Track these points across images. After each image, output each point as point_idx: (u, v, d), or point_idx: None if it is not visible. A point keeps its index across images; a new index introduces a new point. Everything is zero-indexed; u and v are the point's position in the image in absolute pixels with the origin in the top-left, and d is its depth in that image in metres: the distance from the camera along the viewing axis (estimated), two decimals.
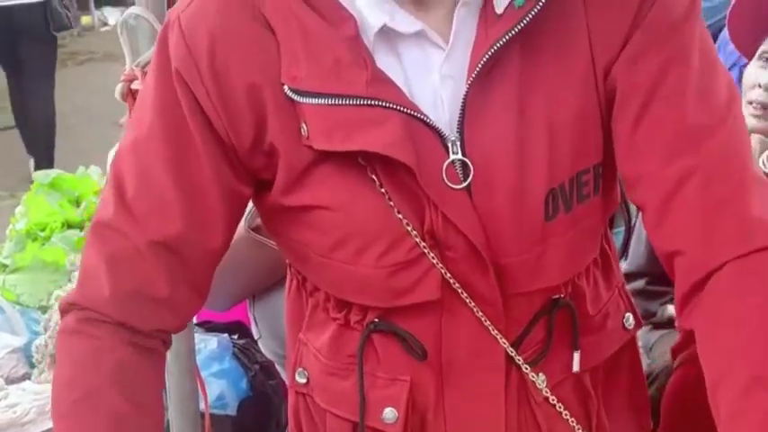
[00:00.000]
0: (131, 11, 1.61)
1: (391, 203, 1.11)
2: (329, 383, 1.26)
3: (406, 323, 1.18)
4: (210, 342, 2.46)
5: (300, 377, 1.30)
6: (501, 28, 1.09)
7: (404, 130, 1.09)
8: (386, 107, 1.08)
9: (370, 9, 1.10)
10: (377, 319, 1.20)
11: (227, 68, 1.11)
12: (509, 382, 1.21)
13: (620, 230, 1.44)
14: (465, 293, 1.15)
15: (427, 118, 1.10)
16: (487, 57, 1.09)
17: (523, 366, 1.20)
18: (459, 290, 1.15)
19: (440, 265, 1.13)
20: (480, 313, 1.16)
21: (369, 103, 1.08)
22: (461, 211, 1.11)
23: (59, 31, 5.61)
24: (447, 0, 1.12)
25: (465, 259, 1.13)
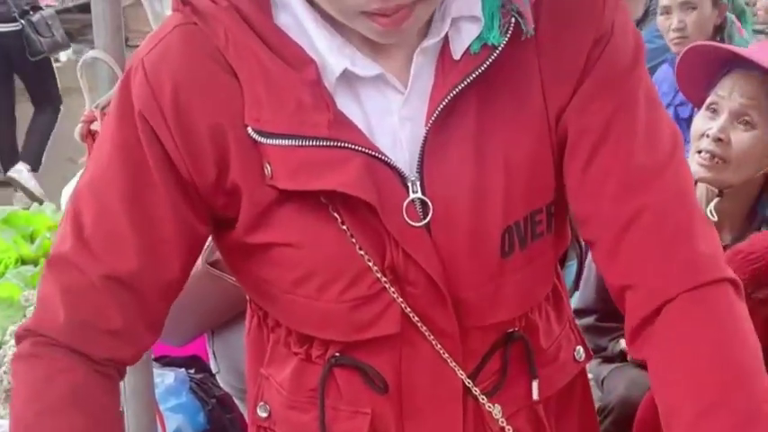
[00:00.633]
0: (90, 54, 1.63)
1: (353, 240, 1.12)
2: (291, 417, 1.27)
3: (366, 357, 1.20)
4: (167, 377, 2.47)
5: (262, 411, 1.30)
6: (458, 74, 1.11)
7: (365, 170, 1.10)
8: (348, 148, 1.10)
9: (332, 53, 1.12)
10: (338, 353, 1.21)
11: (189, 110, 1.11)
12: (466, 412, 1.23)
13: (573, 263, 1.49)
14: (424, 327, 1.17)
15: (387, 158, 1.12)
16: (446, 101, 1.11)
17: (480, 397, 1.22)
18: (418, 323, 1.16)
19: (400, 299, 1.15)
20: (439, 346, 1.18)
21: (331, 144, 1.10)
22: (421, 247, 1.13)
23: (35, 57, 5.92)
24: (406, 46, 1.14)
25: (425, 294, 1.15)
